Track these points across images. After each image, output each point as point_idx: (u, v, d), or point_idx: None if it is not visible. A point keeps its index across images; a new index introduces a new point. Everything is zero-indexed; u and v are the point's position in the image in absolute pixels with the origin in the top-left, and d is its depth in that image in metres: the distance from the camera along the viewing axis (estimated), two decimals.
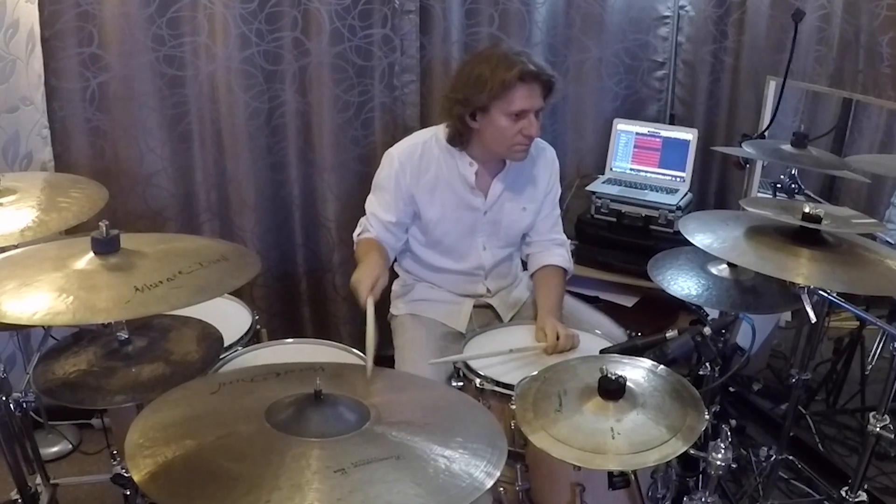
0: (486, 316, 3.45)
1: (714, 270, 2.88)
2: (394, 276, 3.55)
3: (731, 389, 3.94)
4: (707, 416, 2.24)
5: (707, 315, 2.89)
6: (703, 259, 2.90)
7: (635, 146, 4.39)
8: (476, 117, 3.11)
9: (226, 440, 1.83)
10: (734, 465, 2.42)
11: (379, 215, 3.26)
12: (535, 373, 2.48)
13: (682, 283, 2.83)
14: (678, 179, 4.29)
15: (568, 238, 3.56)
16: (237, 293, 3.08)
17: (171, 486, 1.68)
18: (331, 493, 1.64)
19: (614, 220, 4.17)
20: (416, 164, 3.22)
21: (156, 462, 1.75)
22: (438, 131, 3.27)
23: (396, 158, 3.23)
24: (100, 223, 2.18)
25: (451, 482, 1.74)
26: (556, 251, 3.43)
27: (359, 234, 3.32)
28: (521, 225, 3.39)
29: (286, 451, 1.77)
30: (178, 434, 1.86)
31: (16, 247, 2.42)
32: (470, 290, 3.44)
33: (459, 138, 3.20)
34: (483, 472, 1.79)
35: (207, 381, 2.25)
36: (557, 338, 2.98)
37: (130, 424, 1.92)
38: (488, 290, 3.45)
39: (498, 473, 1.81)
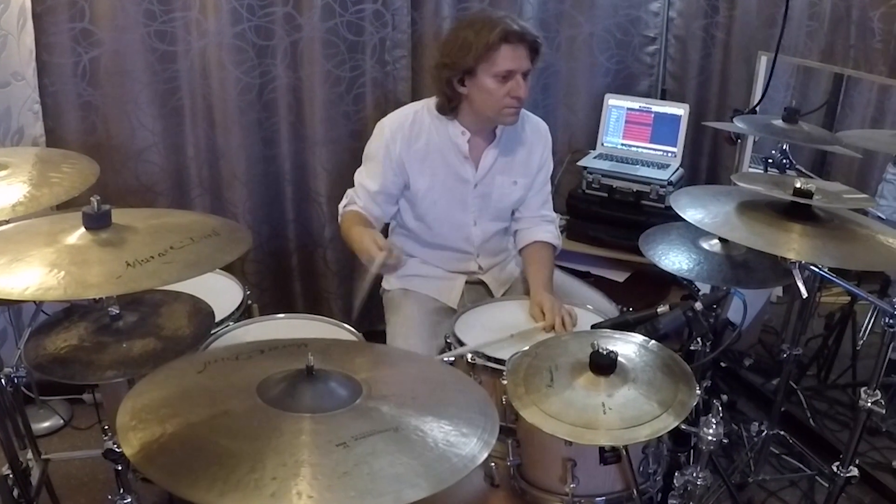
0: (478, 292, 3.46)
1: (705, 245, 2.89)
2: None
3: (723, 365, 3.97)
4: (698, 392, 2.25)
5: (698, 290, 2.89)
6: (694, 234, 2.91)
7: (626, 121, 4.38)
8: (464, 82, 3.12)
9: (220, 418, 1.82)
10: (725, 441, 2.43)
11: (366, 185, 3.27)
12: (527, 348, 2.48)
13: (673, 258, 2.83)
14: (669, 154, 4.29)
15: (559, 213, 3.56)
16: (228, 268, 3.08)
17: (170, 465, 1.67)
18: (336, 467, 1.63)
19: (605, 195, 4.15)
20: (407, 132, 3.23)
21: (150, 442, 1.73)
22: (429, 102, 3.29)
23: (388, 127, 3.25)
24: (91, 198, 2.17)
25: (451, 451, 1.74)
26: (546, 227, 3.43)
27: (344, 206, 3.33)
28: (511, 199, 3.39)
29: (283, 427, 1.76)
30: (170, 414, 1.84)
31: (7, 222, 2.41)
32: (462, 268, 3.45)
33: (449, 105, 3.21)
34: (480, 440, 1.80)
35: (192, 361, 2.23)
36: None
37: (121, 400, 1.92)
38: (480, 268, 3.46)
39: (494, 441, 1.82)
